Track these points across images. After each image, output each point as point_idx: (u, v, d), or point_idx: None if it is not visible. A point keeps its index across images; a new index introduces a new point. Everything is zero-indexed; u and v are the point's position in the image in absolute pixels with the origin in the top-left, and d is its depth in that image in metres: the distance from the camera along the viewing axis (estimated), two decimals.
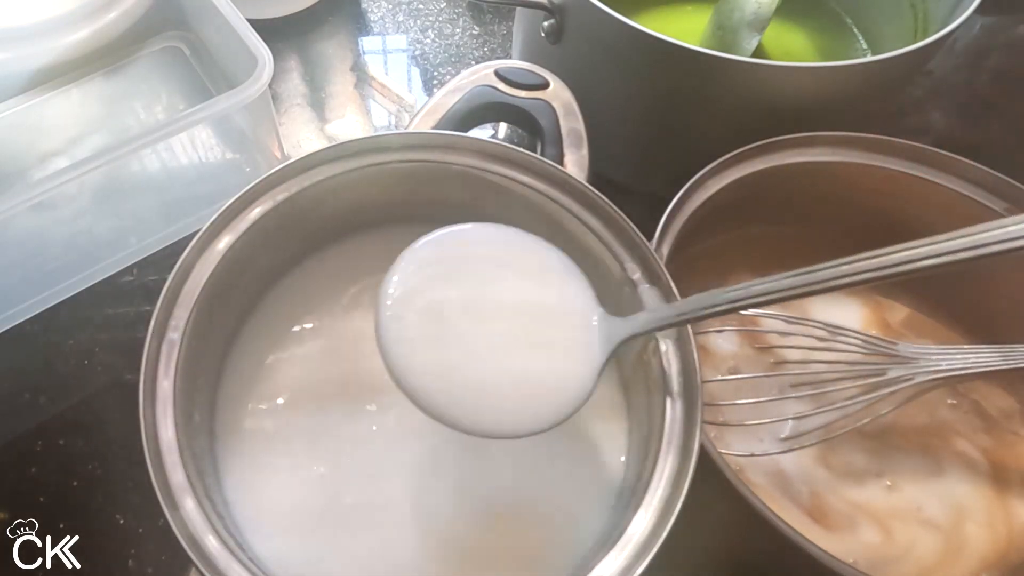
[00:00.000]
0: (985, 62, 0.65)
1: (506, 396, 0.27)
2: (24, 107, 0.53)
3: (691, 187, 0.37)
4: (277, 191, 0.33)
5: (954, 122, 0.61)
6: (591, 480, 0.33)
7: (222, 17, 0.46)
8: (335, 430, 0.33)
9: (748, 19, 0.47)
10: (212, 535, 0.26)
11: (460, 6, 0.65)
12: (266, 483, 0.32)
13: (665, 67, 0.41)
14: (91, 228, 0.48)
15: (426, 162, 0.35)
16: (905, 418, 0.39)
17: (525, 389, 0.27)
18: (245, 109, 0.45)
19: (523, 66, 0.42)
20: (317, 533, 0.31)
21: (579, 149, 0.40)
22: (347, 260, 0.38)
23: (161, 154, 0.49)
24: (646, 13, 0.54)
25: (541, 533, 0.31)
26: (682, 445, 0.28)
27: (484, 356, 0.27)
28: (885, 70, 0.40)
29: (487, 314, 0.28)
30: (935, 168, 0.40)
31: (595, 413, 0.34)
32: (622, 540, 0.27)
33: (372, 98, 0.60)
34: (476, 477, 0.32)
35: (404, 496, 0.32)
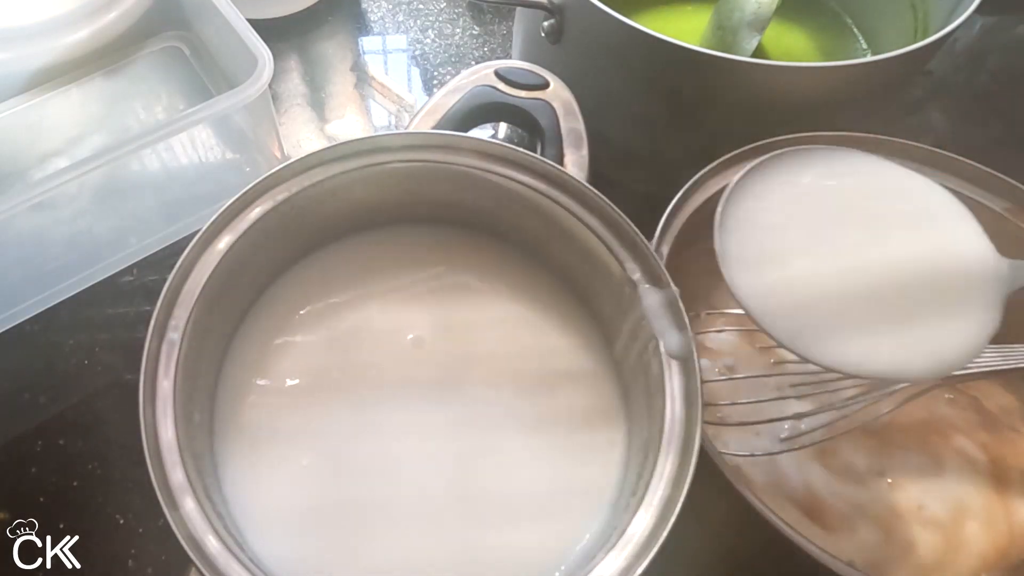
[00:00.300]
0: (985, 62, 0.65)
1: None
2: (24, 107, 0.53)
3: (691, 187, 0.37)
4: (277, 191, 0.33)
5: (954, 122, 0.60)
6: (591, 479, 0.32)
7: (222, 17, 0.46)
8: (335, 429, 0.33)
9: (748, 19, 0.47)
10: (212, 535, 0.26)
11: (460, 6, 0.66)
12: (266, 482, 0.32)
13: (665, 67, 0.41)
14: (91, 228, 0.48)
15: (426, 162, 0.35)
16: (904, 415, 0.38)
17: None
18: (245, 109, 0.45)
19: (523, 66, 0.42)
20: (316, 533, 0.31)
21: (579, 149, 0.40)
22: (347, 260, 0.38)
23: (161, 154, 0.49)
24: (646, 13, 0.54)
25: (541, 533, 0.31)
26: (682, 445, 0.28)
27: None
28: (885, 70, 0.40)
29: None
30: (935, 168, 0.40)
31: (595, 413, 0.34)
32: (622, 540, 0.27)
33: (372, 98, 0.60)
34: (476, 476, 0.32)
35: (404, 495, 0.32)
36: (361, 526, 0.31)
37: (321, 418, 0.33)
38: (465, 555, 0.31)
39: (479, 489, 0.32)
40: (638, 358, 0.32)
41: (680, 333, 0.31)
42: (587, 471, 0.33)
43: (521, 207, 0.36)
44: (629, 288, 0.32)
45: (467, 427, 0.33)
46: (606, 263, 0.33)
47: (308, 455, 0.32)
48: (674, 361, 0.30)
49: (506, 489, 0.32)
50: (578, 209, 0.34)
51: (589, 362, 0.36)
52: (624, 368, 0.35)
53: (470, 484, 0.32)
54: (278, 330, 0.36)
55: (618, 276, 0.33)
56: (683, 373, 0.30)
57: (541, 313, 0.37)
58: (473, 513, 0.32)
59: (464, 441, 0.33)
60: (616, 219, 0.33)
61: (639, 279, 0.32)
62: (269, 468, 0.32)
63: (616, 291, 0.33)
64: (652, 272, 0.32)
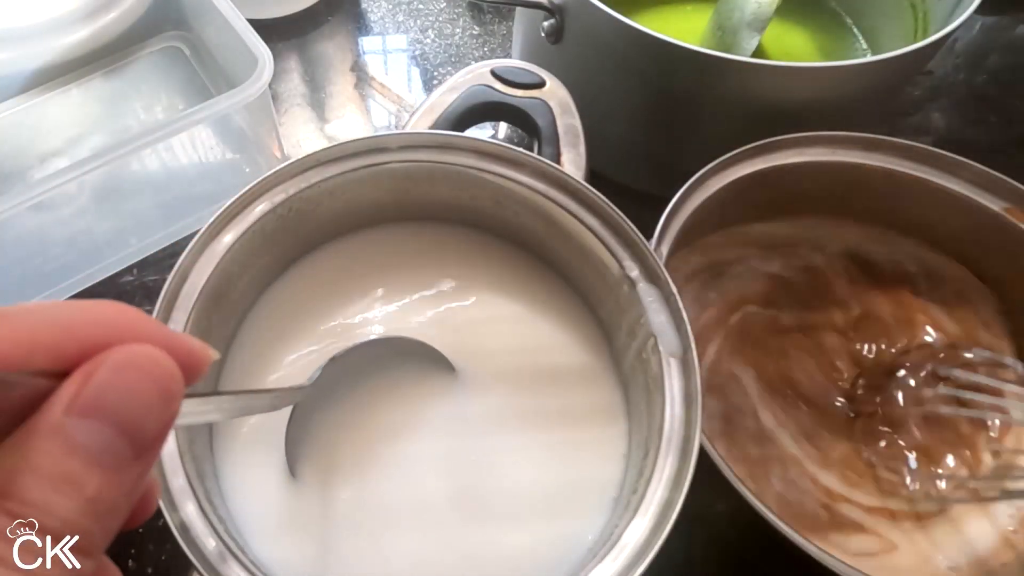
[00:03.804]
0: (985, 62, 0.65)
1: None
2: (24, 107, 0.53)
3: (691, 187, 0.37)
4: (277, 191, 0.33)
5: (954, 122, 0.60)
6: (594, 476, 0.32)
7: (222, 17, 0.46)
8: (335, 430, 0.33)
9: (748, 19, 0.47)
10: (213, 538, 0.26)
11: (460, 6, 0.65)
12: (266, 485, 0.32)
13: (665, 67, 0.41)
14: (91, 228, 0.48)
15: (424, 162, 0.35)
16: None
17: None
18: (245, 109, 0.45)
19: (520, 65, 0.42)
20: (317, 535, 0.31)
21: (576, 147, 0.40)
22: (347, 260, 0.38)
23: (161, 154, 0.49)
24: (646, 13, 0.54)
25: (544, 531, 0.31)
26: (682, 447, 0.28)
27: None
28: (885, 70, 0.40)
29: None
30: (935, 168, 0.40)
31: (596, 410, 0.34)
32: (619, 545, 0.27)
33: (372, 98, 0.60)
34: (476, 477, 0.32)
35: (405, 495, 0.32)
36: (362, 527, 0.31)
37: (322, 420, 0.33)
38: (467, 555, 0.31)
39: (481, 488, 0.32)
40: (637, 356, 0.32)
41: (679, 331, 0.31)
42: (589, 468, 0.33)
43: (519, 206, 0.36)
44: (627, 286, 0.32)
45: (468, 426, 0.33)
46: (604, 261, 0.33)
47: (309, 457, 0.32)
48: (673, 360, 0.30)
49: (508, 488, 0.32)
50: (576, 208, 0.34)
51: (588, 360, 0.36)
52: (623, 366, 0.35)
53: (472, 483, 0.32)
54: (278, 331, 0.36)
55: (616, 274, 0.33)
56: (682, 372, 0.30)
57: (540, 312, 0.37)
58: (475, 513, 0.32)
59: (465, 440, 0.33)
60: (614, 218, 0.33)
61: (637, 277, 0.32)
62: (270, 471, 0.32)
63: (614, 289, 0.33)
64: (651, 270, 0.32)
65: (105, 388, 0.13)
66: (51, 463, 0.13)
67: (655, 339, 0.31)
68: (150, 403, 0.14)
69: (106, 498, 0.13)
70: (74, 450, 0.13)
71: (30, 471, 0.12)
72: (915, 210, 0.42)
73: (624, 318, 0.33)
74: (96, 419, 0.13)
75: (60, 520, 0.13)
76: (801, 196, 0.42)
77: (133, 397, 0.14)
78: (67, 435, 0.13)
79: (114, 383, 0.14)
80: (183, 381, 0.15)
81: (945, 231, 0.42)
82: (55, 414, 0.13)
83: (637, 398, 0.33)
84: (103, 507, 0.13)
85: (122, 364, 0.14)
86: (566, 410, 0.34)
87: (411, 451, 0.33)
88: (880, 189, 0.41)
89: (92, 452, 0.13)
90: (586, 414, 0.34)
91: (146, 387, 0.14)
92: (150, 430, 0.14)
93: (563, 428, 0.34)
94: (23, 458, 0.13)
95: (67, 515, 0.13)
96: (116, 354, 0.14)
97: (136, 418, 0.14)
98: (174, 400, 0.14)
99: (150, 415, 0.14)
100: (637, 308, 0.32)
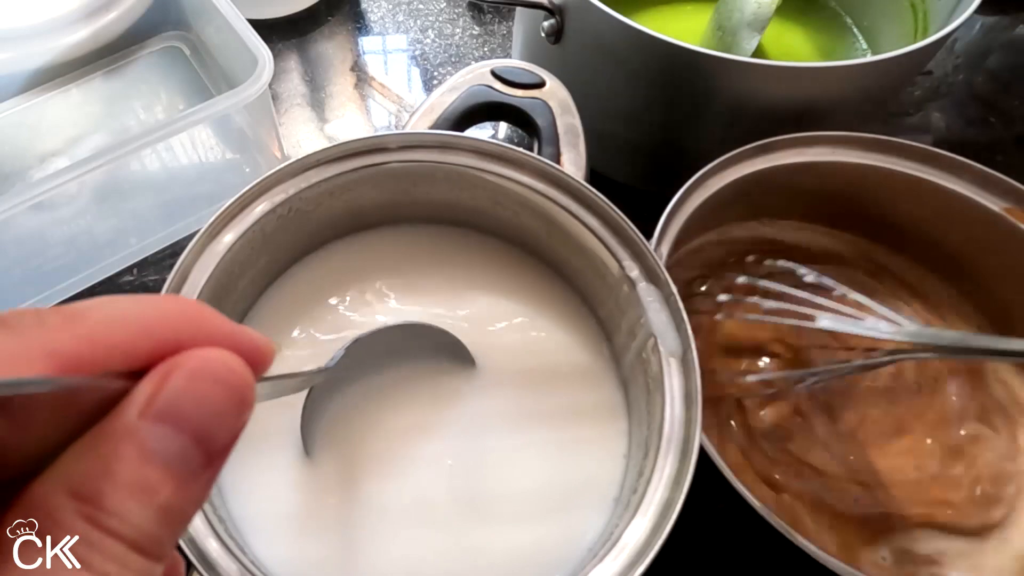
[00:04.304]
0: (985, 62, 0.65)
1: None
2: (24, 107, 0.53)
3: (691, 187, 0.37)
4: (276, 191, 0.33)
5: (954, 122, 0.61)
6: (594, 476, 0.32)
7: (222, 17, 0.46)
8: (336, 431, 0.33)
9: (748, 19, 0.47)
10: (213, 538, 0.26)
11: (460, 6, 0.65)
12: (267, 485, 0.31)
13: (665, 67, 0.41)
14: (91, 228, 0.48)
15: (424, 162, 0.35)
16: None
17: None
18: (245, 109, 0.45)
19: (519, 65, 0.42)
20: (318, 535, 0.31)
21: (576, 148, 0.40)
22: (346, 260, 0.38)
23: (161, 154, 0.49)
24: (646, 13, 0.54)
25: (545, 530, 0.31)
26: (681, 447, 0.28)
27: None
28: (885, 70, 0.40)
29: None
30: (935, 168, 0.40)
31: (596, 410, 0.34)
32: (619, 545, 0.27)
33: (372, 98, 0.60)
34: (476, 477, 0.32)
35: (405, 495, 0.32)
36: (363, 527, 0.31)
37: (322, 420, 0.33)
38: (467, 554, 0.31)
39: (481, 488, 0.32)
40: (637, 356, 0.32)
41: (678, 331, 0.31)
42: (590, 467, 0.33)
43: (519, 206, 0.36)
44: (627, 286, 0.32)
45: (468, 426, 0.33)
46: (604, 261, 0.33)
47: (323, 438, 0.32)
48: (673, 359, 0.30)
49: (508, 487, 0.32)
50: (576, 207, 0.34)
51: (588, 360, 0.36)
52: (623, 365, 0.35)
53: (472, 483, 0.32)
54: (278, 331, 0.36)
55: (616, 274, 0.33)
56: (682, 372, 0.30)
57: (540, 311, 0.37)
58: (475, 512, 0.31)
59: (465, 440, 0.33)
60: (614, 218, 0.33)
61: (637, 276, 0.32)
62: (270, 471, 0.32)
63: (615, 289, 0.33)
64: (650, 270, 0.32)
65: (180, 395, 0.13)
66: (127, 469, 0.13)
67: (655, 339, 0.31)
68: (224, 411, 0.14)
69: (176, 506, 0.13)
70: (149, 457, 0.13)
71: (108, 477, 0.12)
72: (915, 210, 0.42)
73: (624, 318, 0.33)
74: (170, 426, 0.13)
75: (134, 528, 0.13)
76: (801, 196, 0.42)
77: (208, 405, 0.14)
78: (142, 440, 0.13)
79: (189, 390, 0.14)
80: (255, 388, 0.15)
81: (945, 231, 0.42)
82: (130, 418, 0.13)
83: (637, 398, 0.33)
84: (174, 515, 0.13)
85: (198, 371, 0.14)
86: (566, 410, 0.34)
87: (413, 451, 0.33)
88: (880, 189, 0.41)
89: (165, 459, 0.13)
90: (586, 414, 0.34)
91: (221, 395, 0.14)
92: (222, 438, 0.14)
93: (563, 428, 0.34)
94: (99, 462, 0.13)
95: (141, 523, 0.13)
96: (191, 359, 0.14)
97: (210, 426, 0.14)
98: (247, 408, 0.14)
99: (223, 423, 0.14)
100: (637, 308, 0.32)
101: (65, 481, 0.12)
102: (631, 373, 0.34)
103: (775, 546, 0.29)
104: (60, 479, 0.12)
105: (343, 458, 0.32)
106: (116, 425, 0.13)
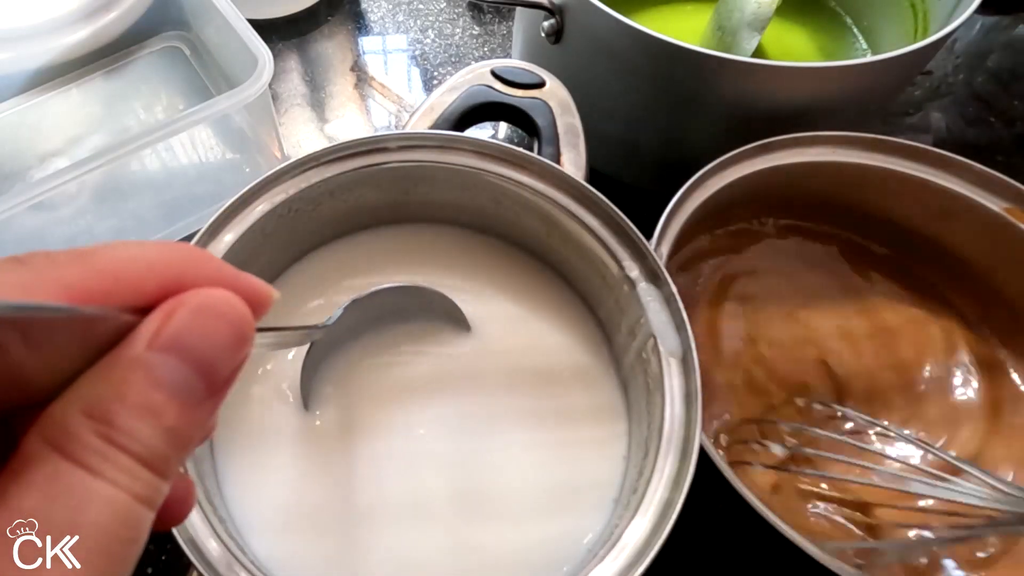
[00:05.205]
0: (985, 62, 0.65)
1: None
2: (24, 107, 0.53)
3: (691, 187, 0.37)
4: (277, 191, 0.33)
5: (954, 122, 0.61)
6: (594, 476, 0.32)
7: (222, 17, 0.46)
8: (336, 430, 0.33)
9: (748, 19, 0.47)
10: (213, 539, 0.26)
11: (460, 6, 0.65)
12: (266, 485, 0.32)
13: (665, 67, 0.41)
14: (91, 228, 0.48)
15: (424, 162, 0.35)
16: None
17: None
18: (245, 109, 0.45)
19: (519, 65, 0.42)
20: (318, 535, 0.31)
21: (576, 148, 0.40)
22: (346, 260, 0.38)
23: (161, 154, 0.49)
24: (646, 13, 0.54)
25: (545, 531, 0.31)
26: (681, 447, 0.28)
27: None
28: (885, 70, 0.40)
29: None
30: (935, 168, 0.40)
31: (596, 410, 0.34)
32: (619, 545, 0.27)
33: (372, 98, 0.60)
34: (476, 477, 0.32)
35: (406, 495, 0.32)
36: (363, 527, 0.31)
37: (322, 420, 0.33)
38: (467, 555, 0.31)
39: (482, 488, 0.32)
40: (637, 356, 0.32)
41: (678, 331, 0.31)
42: (589, 468, 0.33)
43: (519, 206, 0.36)
44: (627, 286, 0.32)
45: (468, 426, 0.33)
46: (604, 261, 0.33)
47: (308, 457, 0.32)
48: (673, 359, 0.30)
49: (508, 488, 0.32)
50: (576, 208, 0.34)
51: (589, 360, 0.36)
52: (623, 366, 0.35)
53: (472, 483, 0.32)
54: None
55: (616, 274, 0.33)
56: (682, 372, 0.30)
57: (540, 311, 0.37)
58: (475, 512, 0.31)
59: (465, 440, 0.33)
60: (614, 217, 0.33)
61: (637, 277, 0.32)
62: (269, 470, 0.32)
63: (615, 289, 0.33)
64: (651, 270, 0.32)
65: (185, 328, 0.14)
66: (136, 393, 0.14)
67: (655, 339, 0.31)
68: (225, 344, 0.15)
69: (182, 430, 0.14)
70: (156, 383, 0.14)
71: (119, 399, 0.14)
72: (915, 210, 0.42)
73: (624, 318, 0.33)
74: (176, 356, 0.14)
75: (142, 445, 0.14)
76: (801, 196, 0.42)
77: (210, 338, 0.15)
78: (149, 368, 0.14)
79: (193, 324, 0.15)
80: (254, 326, 0.16)
81: (945, 231, 0.42)
82: (138, 348, 0.14)
83: (637, 398, 0.33)
84: (179, 438, 0.14)
85: (201, 306, 0.15)
86: (566, 410, 0.34)
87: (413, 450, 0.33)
88: (880, 189, 0.41)
89: (171, 386, 0.14)
90: (586, 414, 0.34)
91: (222, 330, 0.15)
92: (223, 370, 0.15)
93: (563, 428, 0.34)
94: (111, 387, 0.14)
95: (149, 441, 0.14)
96: (195, 297, 0.15)
97: (212, 358, 0.15)
98: (246, 343, 0.16)
99: (224, 356, 0.15)
100: (637, 308, 0.32)
101: (80, 402, 0.13)
102: (631, 373, 0.34)
103: (775, 546, 0.29)
104: (76, 400, 0.14)
105: (343, 459, 0.32)
106: (126, 354, 0.14)
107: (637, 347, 0.32)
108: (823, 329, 0.42)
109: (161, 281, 0.15)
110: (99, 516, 0.13)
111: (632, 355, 0.33)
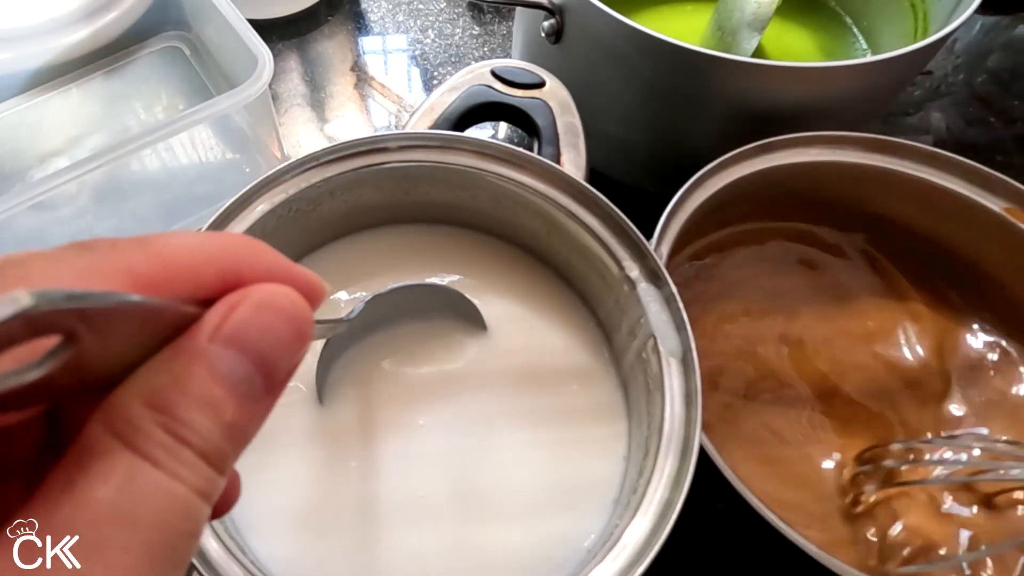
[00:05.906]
0: (985, 62, 0.65)
1: None
2: (24, 107, 0.53)
3: (691, 187, 0.37)
4: (277, 191, 0.33)
5: (954, 122, 0.61)
6: (594, 476, 0.33)
7: (222, 17, 0.46)
8: (336, 430, 0.33)
9: (748, 19, 0.47)
10: (214, 539, 0.26)
11: (460, 6, 0.65)
12: (267, 485, 0.32)
13: (665, 67, 0.41)
14: (91, 228, 0.48)
15: (424, 162, 0.35)
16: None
17: None
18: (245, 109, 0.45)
19: (519, 65, 0.42)
20: (318, 535, 0.31)
21: (576, 147, 0.40)
22: (346, 260, 0.38)
23: (161, 154, 0.49)
24: (646, 13, 0.54)
25: (546, 531, 0.31)
26: (681, 447, 0.28)
27: None
28: (885, 70, 0.40)
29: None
30: (935, 168, 0.40)
31: (596, 410, 0.34)
32: (619, 545, 0.27)
33: (372, 98, 0.60)
34: (476, 476, 0.32)
35: (406, 495, 0.32)
36: (363, 527, 0.31)
37: (322, 420, 0.33)
38: (466, 554, 0.31)
39: (482, 489, 0.32)
40: (637, 356, 0.32)
41: (678, 331, 0.31)
42: (590, 468, 0.33)
43: (519, 206, 0.36)
44: (627, 286, 0.32)
45: (468, 426, 0.33)
46: (604, 261, 0.33)
47: (309, 457, 0.32)
48: (673, 359, 0.30)
49: (508, 487, 0.32)
50: (576, 208, 0.34)
51: (588, 360, 0.36)
52: (623, 366, 0.35)
53: (472, 483, 0.32)
54: None
55: (616, 274, 0.33)
56: (682, 372, 0.30)
57: (540, 312, 0.37)
58: (475, 512, 0.32)
59: (466, 440, 0.33)
60: (614, 217, 0.33)
61: (637, 277, 0.32)
62: (270, 470, 0.32)
63: (615, 289, 0.33)
64: (651, 270, 0.32)
65: (247, 323, 0.14)
66: (198, 386, 0.14)
67: (655, 339, 0.31)
68: (286, 342, 0.15)
69: (240, 425, 0.14)
70: (217, 377, 0.14)
71: (180, 391, 0.14)
72: (915, 210, 0.42)
73: (624, 318, 0.33)
74: (237, 351, 0.14)
75: (202, 439, 0.14)
76: (801, 196, 0.42)
77: (271, 334, 0.15)
78: (211, 362, 0.14)
79: (255, 319, 0.15)
80: (313, 323, 0.16)
81: (945, 231, 0.42)
82: (200, 341, 0.14)
83: (637, 398, 0.33)
84: (237, 433, 0.14)
85: (263, 302, 0.15)
86: (566, 410, 0.34)
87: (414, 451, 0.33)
88: (880, 189, 0.41)
89: (231, 380, 0.14)
90: (586, 414, 0.34)
91: (283, 326, 0.15)
92: (283, 367, 0.15)
93: (563, 428, 0.34)
94: (173, 378, 0.14)
95: (208, 435, 0.14)
96: (258, 292, 0.15)
97: (272, 354, 0.15)
98: (306, 340, 0.16)
99: (284, 353, 0.15)
100: (637, 308, 0.32)
101: (142, 392, 0.14)
102: (631, 373, 0.34)
103: (775, 546, 0.29)
104: (138, 390, 0.14)
105: (343, 459, 0.32)
106: (188, 346, 0.14)
107: (637, 347, 0.32)
108: (823, 330, 0.42)
109: (219, 272, 0.15)
110: (163, 509, 0.13)
111: (632, 355, 0.33)
